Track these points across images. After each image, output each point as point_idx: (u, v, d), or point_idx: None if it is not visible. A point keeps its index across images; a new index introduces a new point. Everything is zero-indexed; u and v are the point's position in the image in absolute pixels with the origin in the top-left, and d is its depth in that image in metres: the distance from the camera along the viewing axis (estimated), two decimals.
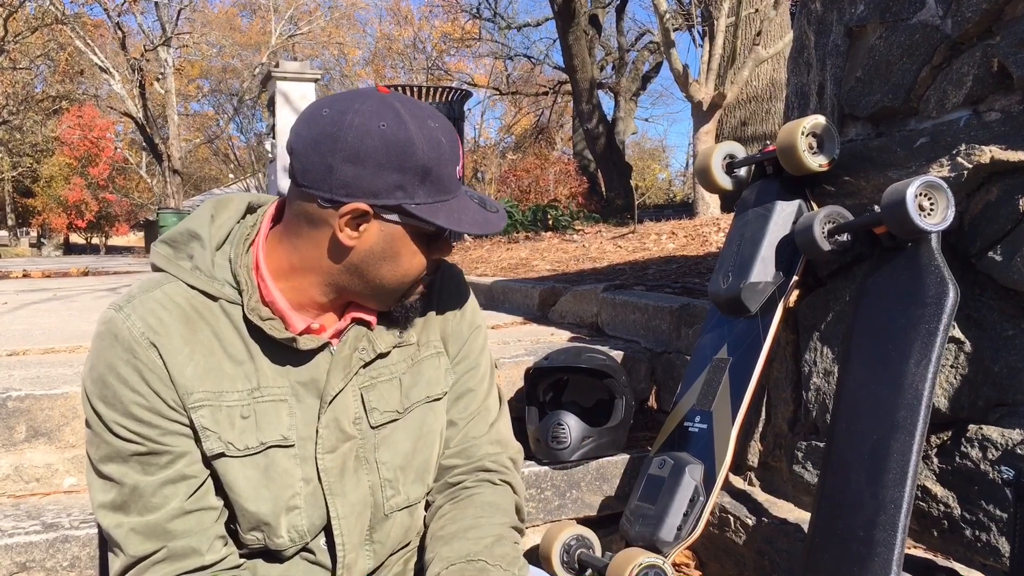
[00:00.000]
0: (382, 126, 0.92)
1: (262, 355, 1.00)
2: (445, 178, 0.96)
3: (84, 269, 8.62)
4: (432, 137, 0.95)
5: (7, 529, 1.52)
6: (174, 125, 21.20)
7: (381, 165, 0.92)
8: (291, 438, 1.01)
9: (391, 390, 1.09)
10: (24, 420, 1.76)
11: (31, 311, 3.89)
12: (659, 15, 7.78)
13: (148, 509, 0.95)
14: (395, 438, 1.09)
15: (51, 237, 31.69)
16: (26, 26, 20.95)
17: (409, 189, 0.94)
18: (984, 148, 1.39)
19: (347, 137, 0.92)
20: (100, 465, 0.96)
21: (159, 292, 0.98)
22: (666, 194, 27.40)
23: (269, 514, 1.00)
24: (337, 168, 0.92)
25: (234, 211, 1.05)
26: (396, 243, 0.97)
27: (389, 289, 1.01)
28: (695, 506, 1.65)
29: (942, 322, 1.35)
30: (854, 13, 1.74)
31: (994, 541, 1.37)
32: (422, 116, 0.96)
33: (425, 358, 1.13)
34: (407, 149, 0.93)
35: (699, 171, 1.99)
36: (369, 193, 0.93)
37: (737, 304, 1.73)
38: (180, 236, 1.02)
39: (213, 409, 0.97)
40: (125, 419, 0.94)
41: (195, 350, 0.97)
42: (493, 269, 4.89)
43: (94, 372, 0.95)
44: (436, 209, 0.96)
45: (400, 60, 29.00)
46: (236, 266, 1.00)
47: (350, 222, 0.95)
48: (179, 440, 0.96)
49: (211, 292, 0.99)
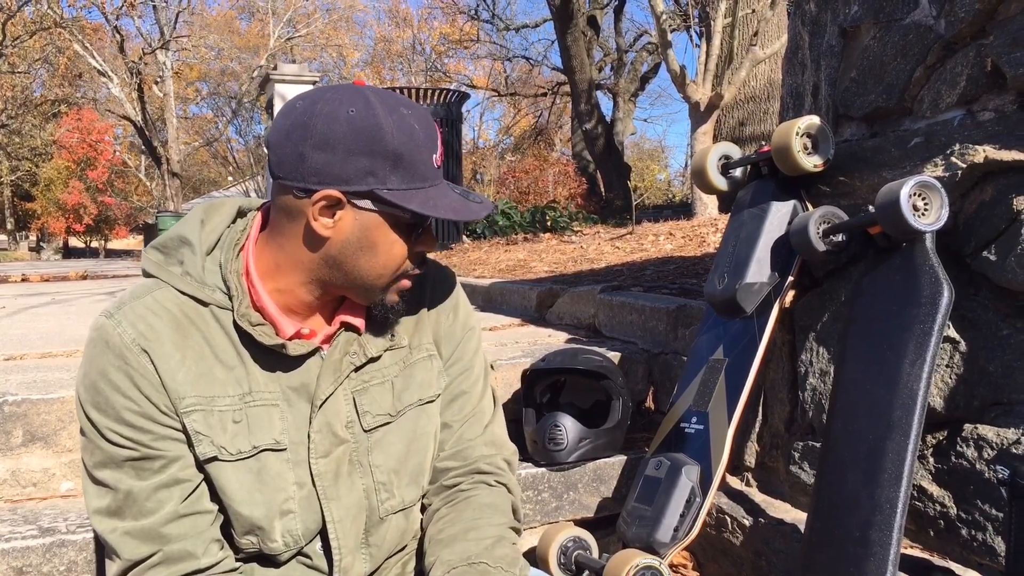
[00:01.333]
0: (351, 112, 0.93)
1: (252, 361, 1.00)
2: (419, 165, 0.96)
3: (83, 273, 8.61)
4: (404, 124, 0.95)
5: (4, 534, 1.52)
6: (173, 128, 21.20)
7: (350, 151, 0.92)
8: (283, 442, 1.01)
9: (383, 393, 1.08)
10: (21, 424, 1.76)
11: (29, 315, 3.89)
12: (656, 16, 7.79)
13: (143, 514, 0.95)
14: (388, 441, 1.09)
15: (50, 241, 31.70)
16: (25, 30, 20.96)
17: (380, 175, 0.94)
18: (978, 148, 1.40)
19: (316, 125, 0.93)
20: (94, 471, 0.97)
21: (150, 298, 0.98)
22: (665, 194, 27.40)
23: (263, 518, 1.00)
24: (308, 156, 0.93)
25: (224, 216, 1.05)
26: (372, 232, 0.97)
27: (369, 281, 1.00)
28: (692, 507, 1.65)
29: (937, 322, 1.35)
30: (848, 14, 1.74)
31: (990, 540, 1.37)
32: (394, 104, 0.96)
33: (417, 361, 1.12)
34: (375, 134, 0.93)
35: (695, 172, 1.99)
36: (339, 179, 0.93)
37: (733, 305, 1.73)
38: (171, 241, 1.02)
39: (205, 414, 0.97)
40: (118, 425, 0.94)
41: (186, 356, 0.97)
42: (491, 271, 4.89)
43: (87, 379, 0.96)
44: (410, 196, 0.95)
45: (399, 62, 29.03)
46: (226, 271, 1.00)
47: (324, 210, 0.95)
48: (172, 445, 0.97)
49: (202, 298, 0.99)
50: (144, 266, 1.03)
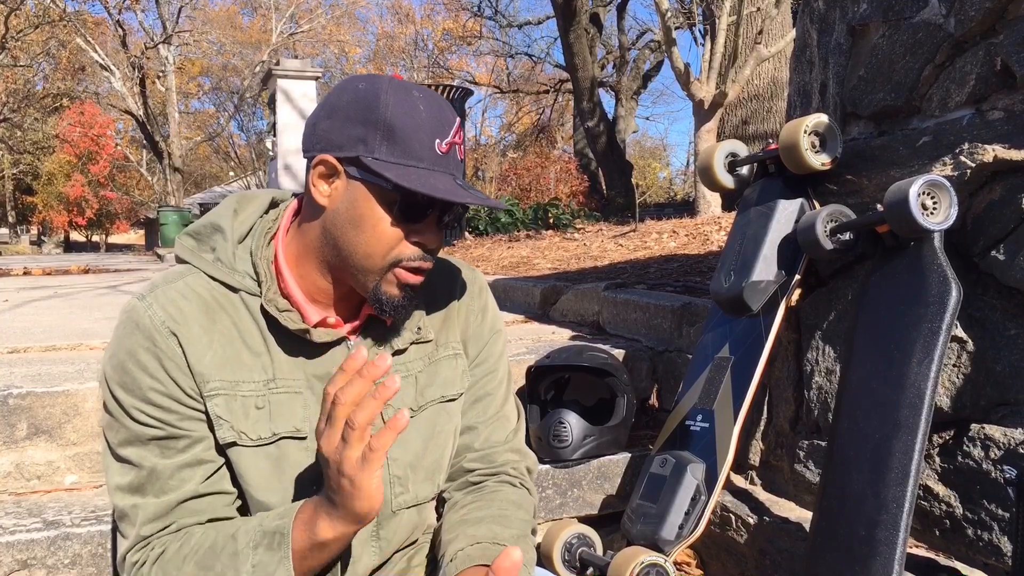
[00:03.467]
0: (360, 86, 0.96)
1: (278, 348, 1.01)
2: (415, 144, 0.95)
3: (85, 267, 8.61)
4: (407, 101, 0.95)
5: (8, 527, 1.52)
6: (175, 123, 21.20)
7: (348, 118, 0.95)
8: (304, 430, 1.02)
9: (406, 388, 1.09)
10: (25, 418, 1.76)
11: (32, 308, 3.88)
12: (660, 13, 7.77)
13: (164, 491, 0.97)
14: (406, 436, 1.08)
15: (51, 235, 31.71)
16: (27, 23, 20.94)
17: (370, 143, 0.94)
18: (987, 147, 1.39)
19: (329, 98, 0.98)
20: (119, 449, 0.97)
21: (181, 283, 1.00)
22: (667, 193, 27.40)
23: (279, 504, 1.01)
24: (318, 124, 0.97)
25: (258, 206, 1.07)
26: (359, 204, 0.96)
27: (358, 261, 0.98)
28: (697, 505, 1.65)
29: (945, 321, 1.34)
30: (857, 12, 1.74)
31: (996, 540, 1.37)
32: (408, 87, 0.97)
33: (443, 358, 1.12)
34: (372, 103, 0.94)
35: (701, 169, 1.98)
36: (335, 145, 0.95)
37: (739, 303, 1.73)
38: (204, 229, 1.04)
39: (228, 398, 0.98)
40: (144, 404, 0.96)
41: (214, 339, 0.98)
42: (494, 267, 4.88)
43: (114, 359, 0.97)
44: (395, 168, 0.94)
45: (401, 58, 28.99)
46: (257, 258, 1.01)
47: (321, 177, 0.97)
48: (197, 425, 0.98)
49: (232, 283, 1.00)
50: (177, 252, 1.04)
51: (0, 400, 1.74)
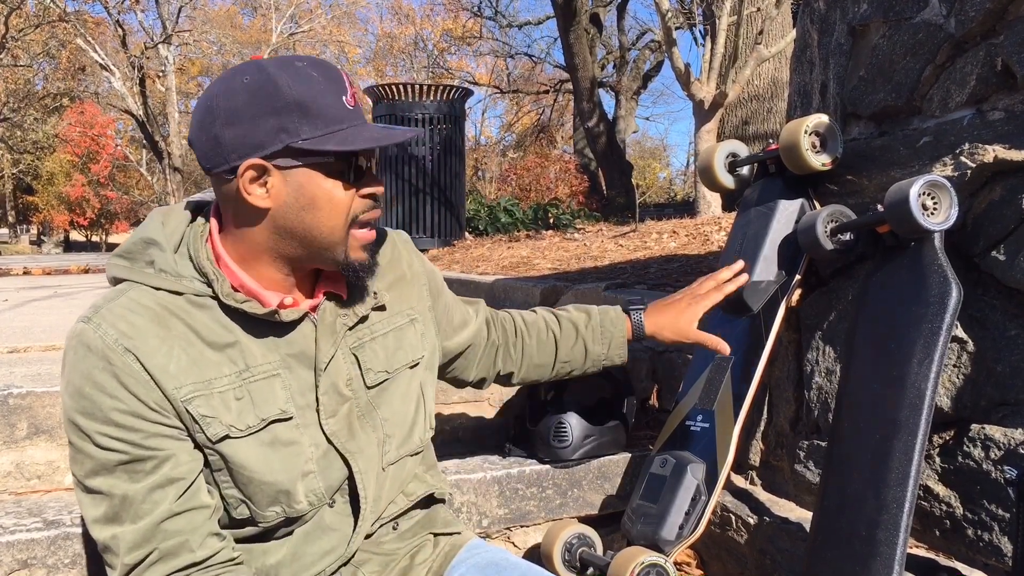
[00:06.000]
0: (245, 80, 0.95)
1: (247, 335, 1.02)
2: (327, 109, 0.96)
3: (85, 266, 8.60)
4: (300, 73, 0.95)
5: (8, 526, 1.52)
6: (175, 123, 21.19)
7: (255, 116, 0.94)
8: (289, 410, 1.03)
9: (379, 350, 1.12)
10: (25, 417, 1.76)
11: (32, 308, 3.88)
12: (661, 14, 7.77)
13: (139, 516, 0.96)
14: (388, 398, 1.13)
15: (51, 234, 31.70)
16: (27, 23, 20.94)
17: (291, 128, 0.94)
18: (988, 147, 1.39)
19: (219, 104, 0.95)
20: (87, 480, 0.96)
21: (124, 299, 0.99)
22: (667, 193, 27.41)
23: (286, 481, 1.02)
24: (221, 136, 0.95)
25: (183, 216, 1.07)
26: (307, 187, 0.97)
27: (324, 238, 1.00)
28: (697, 505, 1.65)
29: (945, 321, 1.34)
30: (857, 12, 1.74)
31: (996, 541, 1.37)
32: (287, 61, 0.98)
33: (402, 326, 1.17)
34: (273, 91, 0.94)
35: (701, 169, 1.98)
36: (256, 147, 0.94)
37: (739, 303, 1.73)
38: (135, 246, 1.03)
39: (206, 397, 0.98)
40: (107, 427, 0.94)
41: (173, 346, 0.97)
42: (494, 267, 4.88)
43: (71, 387, 0.95)
44: (326, 139, 0.95)
45: (401, 58, 29.00)
46: (200, 261, 1.01)
47: (253, 182, 0.96)
48: (163, 442, 0.97)
49: (178, 289, 1.00)
50: (112, 273, 1.03)
51: (0, 400, 1.74)
